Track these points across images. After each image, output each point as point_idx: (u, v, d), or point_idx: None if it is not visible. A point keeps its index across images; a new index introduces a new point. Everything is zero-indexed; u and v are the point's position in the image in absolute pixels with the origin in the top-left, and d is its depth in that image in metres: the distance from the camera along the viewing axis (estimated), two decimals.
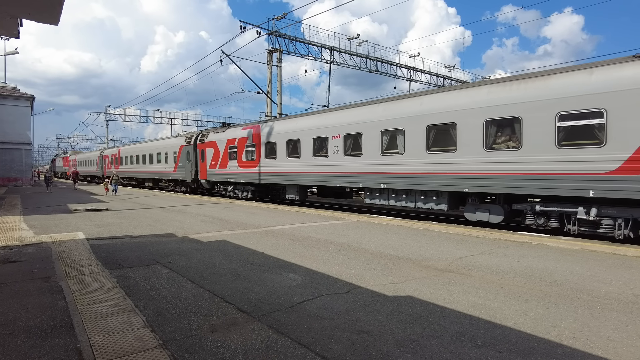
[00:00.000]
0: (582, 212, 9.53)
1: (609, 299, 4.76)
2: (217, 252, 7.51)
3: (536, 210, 10.47)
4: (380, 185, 13.95)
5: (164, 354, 3.32)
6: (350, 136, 14.97)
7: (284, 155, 18.19)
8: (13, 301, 4.71)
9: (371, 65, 33.79)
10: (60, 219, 12.60)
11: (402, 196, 13.67)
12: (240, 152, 21.19)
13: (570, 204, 9.79)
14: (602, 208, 9.34)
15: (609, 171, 8.87)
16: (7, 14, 6.61)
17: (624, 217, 9.05)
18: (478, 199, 11.84)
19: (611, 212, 9.23)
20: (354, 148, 14.88)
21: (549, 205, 10.20)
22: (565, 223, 10.05)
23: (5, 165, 35.64)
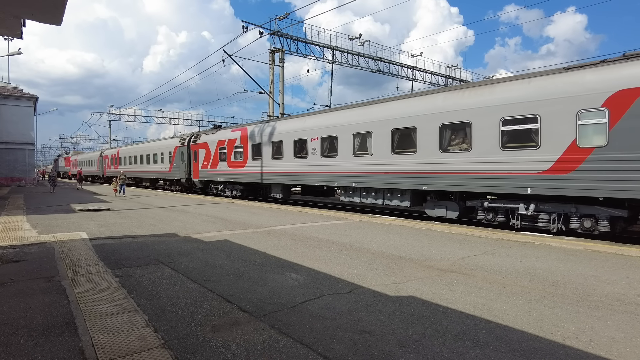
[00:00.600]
0: (523, 207, 10.61)
1: (612, 299, 4.73)
2: (219, 252, 7.51)
3: (485, 207, 11.56)
4: (352, 184, 15.04)
5: (166, 354, 3.33)
6: (326, 138, 16.04)
7: (268, 156, 19.24)
8: (16, 300, 4.73)
9: (373, 65, 33.76)
10: (63, 219, 12.64)
11: (372, 194, 14.71)
12: (229, 153, 22.33)
13: (513, 200, 10.87)
14: (539, 204, 10.44)
15: (542, 171, 9.93)
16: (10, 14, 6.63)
17: (557, 212, 10.18)
18: (437, 196, 12.84)
19: (547, 208, 10.35)
20: (330, 150, 15.96)
21: (496, 201, 11.30)
22: (510, 218, 11.11)
23: (9, 165, 35.80)
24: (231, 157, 22.20)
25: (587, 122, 9.30)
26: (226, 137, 22.81)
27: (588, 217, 9.74)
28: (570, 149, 9.52)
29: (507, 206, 11.05)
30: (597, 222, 9.60)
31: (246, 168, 21.05)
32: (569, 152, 9.54)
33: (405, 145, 13.15)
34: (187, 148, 26.90)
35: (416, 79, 37.19)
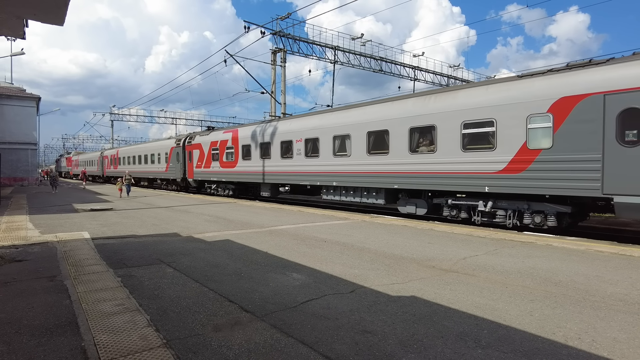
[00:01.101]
0: (482, 204, 11.51)
1: (615, 299, 4.72)
2: (221, 252, 7.52)
3: (449, 204, 12.42)
4: (333, 183, 15.95)
5: (167, 353, 3.33)
6: (310, 140, 16.93)
7: (257, 157, 20.18)
8: (19, 300, 4.74)
9: (375, 64, 33.73)
10: (66, 219, 12.68)
11: (351, 192, 15.59)
12: (221, 153, 23.23)
13: (474, 198, 11.73)
14: (497, 201, 11.31)
15: (498, 171, 10.77)
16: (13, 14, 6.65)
17: (512, 209, 11.02)
18: (408, 194, 13.79)
19: (503, 205, 11.19)
20: (313, 151, 16.85)
21: (459, 199, 12.22)
22: (472, 214, 11.92)
23: (12, 165, 35.90)
24: (223, 157, 23.04)
25: (535, 126, 10.14)
26: (218, 138, 23.69)
27: (538, 213, 10.57)
28: (522, 150, 10.35)
29: (468, 203, 11.93)
30: (546, 218, 10.41)
31: (237, 168, 21.92)
32: (521, 154, 10.36)
33: (379, 147, 13.97)
34: (182, 149, 27.76)
35: (418, 79, 37.14)
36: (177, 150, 28.29)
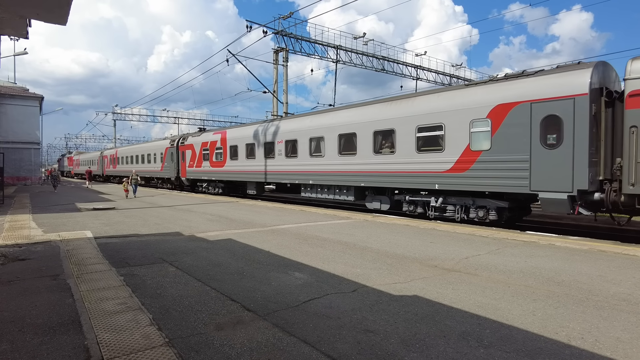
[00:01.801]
0: (434, 200, 12.70)
1: (618, 299, 4.70)
2: (223, 251, 7.53)
3: (407, 200, 13.65)
4: (309, 181, 17.21)
5: (170, 352, 3.34)
6: (289, 141, 18.27)
7: (243, 157, 21.65)
8: (22, 298, 4.76)
9: (377, 64, 33.67)
10: (68, 218, 12.72)
11: (325, 190, 16.85)
12: (211, 154, 24.60)
13: (427, 194, 12.95)
14: (446, 197, 12.48)
15: (446, 170, 11.93)
16: (16, 14, 6.67)
17: (460, 204, 12.15)
18: (374, 192, 15.00)
19: (452, 201, 12.39)
20: (292, 151, 18.16)
21: (415, 195, 13.43)
22: (426, 209, 13.11)
23: (15, 165, 36.03)
24: (213, 157, 24.43)
25: (477, 130, 11.30)
26: (209, 139, 25.09)
27: (482, 208, 11.70)
28: (465, 152, 11.51)
29: (422, 199, 13.20)
30: (488, 212, 11.52)
31: (225, 167, 23.33)
32: (465, 155, 11.53)
33: (349, 148, 15.24)
34: (176, 149, 29.11)
35: (420, 78, 37.06)
36: (172, 151, 29.68)
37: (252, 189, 21.86)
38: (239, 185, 23.75)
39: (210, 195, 24.10)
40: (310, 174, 17.07)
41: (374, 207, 14.84)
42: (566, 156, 9.62)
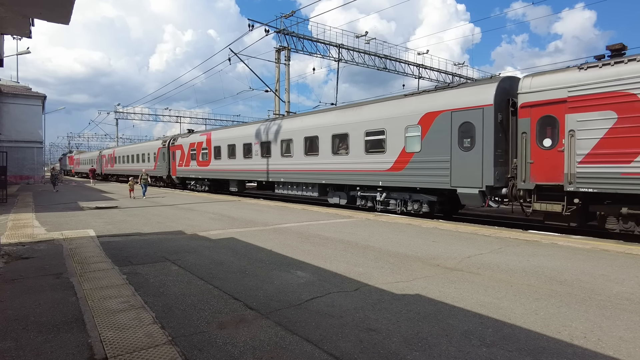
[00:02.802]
0: (379, 195, 14.47)
1: (621, 298, 4.69)
2: (225, 250, 7.55)
3: (359, 195, 15.43)
4: (281, 179, 19.02)
5: (173, 350, 3.35)
6: (264, 143, 20.07)
7: (226, 157, 23.35)
8: (26, 297, 4.78)
9: (379, 62, 33.59)
10: (71, 216, 12.76)
11: (294, 187, 18.52)
12: (198, 154, 26.34)
13: (374, 191, 14.64)
14: (389, 193, 14.19)
15: (387, 169, 13.72)
16: (19, 13, 6.68)
17: (400, 199, 13.93)
18: (334, 188, 16.74)
19: (394, 195, 14.10)
20: (266, 152, 19.93)
21: (365, 191, 15.15)
22: (374, 204, 14.77)
23: (18, 164, 36.10)
24: (199, 157, 26.17)
25: (410, 135, 13.04)
26: (196, 140, 26.84)
27: (416, 202, 13.37)
28: (402, 153, 13.28)
29: (370, 195, 15.01)
30: (421, 205, 13.20)
31: (210, 166, 25.05)
32: (401, 156, 13.32)
33: (312, 149, 16.98)
34: (167, 149, 30.99)
35: (422, 77, 36.97)
36: (163, 151, 31.63)
37: (234, 187, 23.53)
38: (223, 183, 25.29)
39: (212, 194, 24.17)
40: (282, 173, 18.94)
41: (334, 201, 16.67)
42: (477, 157, 11.22)
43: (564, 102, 9.69)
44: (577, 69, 9.72)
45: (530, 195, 10.43)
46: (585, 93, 9.34)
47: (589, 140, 9.29)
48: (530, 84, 10.39)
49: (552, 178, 9.92)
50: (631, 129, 8.68)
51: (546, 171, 10.05)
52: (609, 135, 9.01)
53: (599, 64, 9.38)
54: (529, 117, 10.35)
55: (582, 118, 9.38)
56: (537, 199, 10.30)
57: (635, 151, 8.63)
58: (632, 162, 8.65)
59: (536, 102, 10.23)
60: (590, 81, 9.31)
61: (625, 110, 8.76)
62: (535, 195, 10.34)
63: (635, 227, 9.10)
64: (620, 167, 8.83)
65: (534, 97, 10.28)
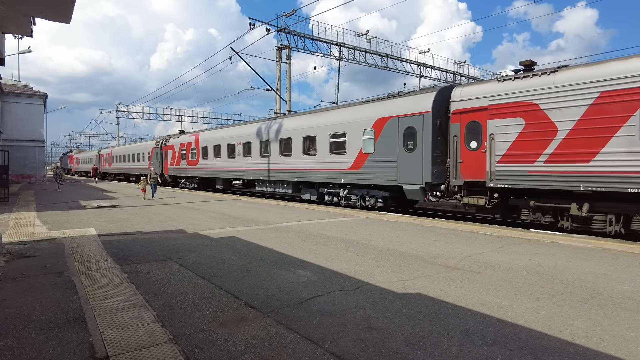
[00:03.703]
0: (342, 192, 16.07)
1: (622, 297, 4.68)
2: (226, 249, 7.55)
3: (326, 192, 16.88)
4: (260, 177, 20.58)
5: (174, 349, 3.35)
6: (246, 144, 21.61)
7: (212, 157, 24.80)
8: (27, 295, 4.79)
9: (380, 61, 33.54)
10: (73, 215, 12.78)
11: (272, 184, 19.96)
12: (187, 153, 27.89)
13: (338, 187, 16.20)
14: (351, 189, 15.75)
15: (347, 168, 15.27)
16: (20, 12, 6.69)
17: (360, 195, 15.42)
18: (305, 185, 18.14)
19: (355, 192, 15.63)
20: (247, 152, 21.47)
21: (331, 188, 16.64)
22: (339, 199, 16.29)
23: (20, 162, 36.15)
24: (189, 156, 27.69)
25: (366, 137, 14.50)
26: (186, 140, 28.42)
27: (372, 197, 14.88)
28: (359, 154, 14.78)
29: (335, 191, 16.48)
30: (376, 200, 14.72)
31: (198, 165, 26.54)
32: (359, 157, 14.80)
33: (287, 150, 18.47)
34: (160, 149, 32.65)
35: (423, 76, 36.91)
36: (157, 150, 33.29)
37: (220, 184, 24.99)
38: (211, 181, 26.60)
39: (213, 193, 24.20)
40: (260, 171, 20.44)
41: (305, 197, 18.13)
42: (418, 157, 12.72)
43: (486, 109, 11.09)
44: (497, 81, 11.18)
45: (461, 190, 11.93)
46: (502, 102, 10.75)
47: (504, 143, 10.72)
48: (460, 94, 11.84)
49: (477, 175, 11.40)
50: (535, 134, 10.11)
51: (473, 169, 11.52)
52: (519, 139, 10.43)
53: (512, 77, 10.82)
54: (459, 123, 11.81)
55: (500, 124, 10.80)
56: (466, 194, 11.83)
57: (538, 152, 10.02)
58: (535, 161, 10.09)
59: (464, 110, 11.68)
60: (505, 92, 10.71)
61: (530, 118, 10.19)
62: (465, 191, 11.87)
63: (541, 218, 10.57)
64: (527, 165, 10.24)
65: (462, 105, 11.73)
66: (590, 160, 9.23)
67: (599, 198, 9.44)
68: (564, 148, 9.63)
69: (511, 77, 10.84)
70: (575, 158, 9.45)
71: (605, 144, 9.01)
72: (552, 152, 9.81)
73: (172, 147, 30.39)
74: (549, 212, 10.42)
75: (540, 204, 10.36)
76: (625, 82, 8.70)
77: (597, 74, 9.19)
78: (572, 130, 9.50)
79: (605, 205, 9.38)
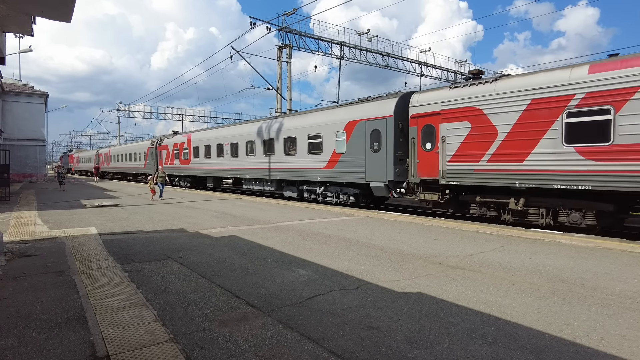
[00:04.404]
0: (319, 189, 17.21)
1: (624, 297, 4.67)
2: (227, 248, 7.55)
3: (305, 189, 18.12)
4: (246, 175, 21.96)
5: (174, 348, 3.35)
6: (233, 144, 22.84)
7: (203, 156, 26.09)
8: (28, 294, 4.80)
9: (381, 60, 33.50)
10: (74, 214, 12.79)
11: (256, 182, 21.32)
12: (180, 153, 29.31)
13: (315, 185, 17.47)
14: (327, 187, 16.88)
15: (322, 167, 16.54)
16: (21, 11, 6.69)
17: (335, 191, 16.62)
18: (287, 183, 19.36)
19: (330, 189, 16.80)
20: (235, 152, 22.69)
21: (310, 186, 17.80)
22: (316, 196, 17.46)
23: (21, 162, 36.18)
24: (182, 156, 29.11)
25: (339, 139, 15.82)
26: (178, 140, 29.90)
27: (345, 194, 16.13)
28: (333, 154, 16.03)
29: (313, 188, 17.63)
30: (349, 197, 15.96)
31: (190, 165, 27.89)
32: (333, 156, 16.07)
33: (270, 150, 19.73)
34: (155, 149, 34.12)
35: (425, 75, 36.86)
36: (152, 150, 34.66)
37: (211, 183, 26.36)
38: (202, 180, 27.93)
39: (214, 192, 24.24)
40: (246, 170, 21.72)
41: (287, 195, 19.34)
42: (382, 157, 13.94)
43: (439, 114, 12.22)
44: (448, 88, 12.35)
45: (419, 187, 13.20)
46: (452, 107, 11.87)
47: (454, 144, 11.83)
48: (417, 100, 13.02)
49: (432, 174, 12.58)
50: (479, 136, 11.21)
51: (428, 168, 12.73)
52: (466, 141, 11.54)
53: (461, 84, 11.92)
54: (417, 126, 13.01)
55: (450, 127, 11.92)
56: (422, 191, 13.10)
57: (482, 153, 11.12)
58: (480, 161, 11.20)
59: (421, 114, 12.84)
60: (454, 98, 11.82)
61: (475, 122, 11.30)
62: (421, 188, 13.12)
63: (487, 212, 11.71)
64: (473, 165, 11.37)
65: (419, 110, 12.90)
66: (524, 160, 10.34)
67: (532, 194, 10.56)
68: (503, 149, 10.74)
69: (460, 85, 11.94)
70: (512, 158, 10.55)
71: (535, 145, 10.12)
72: (494, 152, 10.94)
73: (166, 147, 31.84)
74: (493, 206, 11.54)
75: (485, 199, 11.52)
76: (550, 91, 9.80)
77: (529, 83, 10.25)
78: (509, 133, 10.60)
79: (537, 200, 10.57)
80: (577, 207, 9.89)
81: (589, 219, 9.73)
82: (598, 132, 9.12)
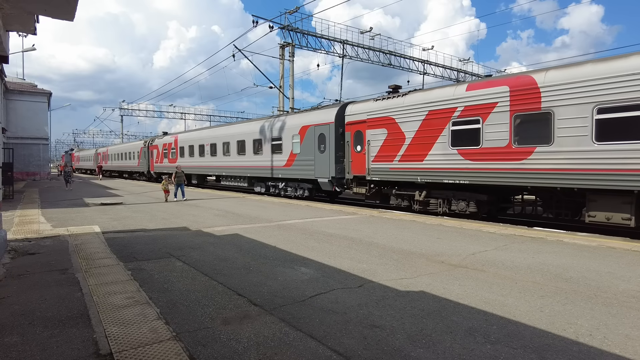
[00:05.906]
0: (280, 185, 19.63)
1: (627, 296, 4.65)
2: (230, 246, 7.56)
3: (271, 185, 20.38)
4: (223, 173, 24.51)
5: (177, 346, 3.36)
6: (213, 145, 25.00)
7: (187, 155, 28.58)
8: (32, 292, 4.82)
9: (384, 58, 33.41)
10: (77, 213, 12.84)
11: (232, 179, 23.80)
12: (168, 152, 31.88)
13: (278, 181, 19.79)
14: (287, 183, 19.23)
15: (283, 165, 18.88)
16: (24, 10, 6.69)
17: (294, 187, 18.81)
18: (257, 180, 21.68)
19: (291, 185, 19.03)
20: (213, 152, 24.91)
21: (274, 182, 20.09)
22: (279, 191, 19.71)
23: (24, 160, 36.31)
24: (170, 155, 31.62)
25: (295, 141, 18.07)
26: (167, 141, 32.39)
27: (302, 189, 18.28)
28: (291, 154, 18.29)
29: (276, 184, 19.98)
30: (304, 191, 18.15)
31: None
32: (290, 156, 18.34)
33: (242, 151, 21.94)
34: (147, 148, 36.30)
35: (427, 73, 36.74)
36: (145, 150, 36.82)
37: (195, 180, 28.79)
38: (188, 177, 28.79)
39: (217, 191, 24.35)
40: (223, 168, 23.93)
41: (257, 190, 21.52)
42: (327, 157, 16.33)
43: (365, 122, 14.69)
44: (373, 101, 14.73)
45: (352, 182, 15.61)
46: (374, 116, 14.32)
47: (376, 147, 14.24)
48: (351, 110, 15.55)
49: (361, 171, 14.95)
50: (393, 140, 13.61)
51: (358, 167, 15.11)
52: (384, 144, 13.96)
53: (383, 97, 14.41)
54: (350, 131, 15.45)
55: (373, 133, 14.38)
56: (355, 185, 15.56)
57: (395, 154, 13.52)
58: (393, 160, 13.61)
59: (353, 122, 15.32)
60: (376, 109, 14.29)
61: (390, 128, 13.75)
62: (355, 182, 15.54)
63: (402, 202, 14.00)
64: (389, 164, 13.80)
65: (352, 118, 15.40)
66: (423, 160, 12.69)
67: (431, 187, 12.90)
68: (409, 151, 13.12)
69: (382, 98, 14.40)
70: (415, 158, 12.92)
71: (431, 148, 12.47)
72: (403, 153, 13.32)
73: (157, 147, 34.13)
74: (405, 198, 13.90)
75: (400, 192, 13.95)
76: (441, 104, 12.14)
77: (427, 97, 12.67)
78: (413, 137, 12.99)
79: (435, 192, 12.90)
80: (463, 198, 12.15)
81: (472, 207, 11.99)
82: (472, 137, 11.39)
